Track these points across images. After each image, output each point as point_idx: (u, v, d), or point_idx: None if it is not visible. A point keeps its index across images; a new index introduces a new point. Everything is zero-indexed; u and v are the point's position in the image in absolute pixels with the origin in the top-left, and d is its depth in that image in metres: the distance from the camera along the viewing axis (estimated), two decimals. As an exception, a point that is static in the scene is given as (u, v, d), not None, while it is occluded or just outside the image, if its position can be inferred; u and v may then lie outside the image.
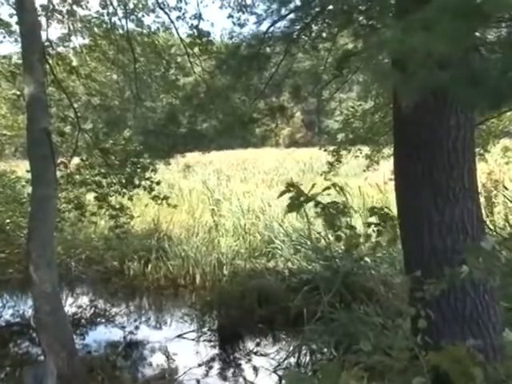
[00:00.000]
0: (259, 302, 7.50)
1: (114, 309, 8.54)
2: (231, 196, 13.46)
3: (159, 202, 8.41)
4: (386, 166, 9.58)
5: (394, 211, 3.91)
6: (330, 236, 8.13)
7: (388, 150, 9.45)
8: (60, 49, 9.28)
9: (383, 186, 12.08)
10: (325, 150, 9.79)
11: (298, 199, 3.09)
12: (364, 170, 11.48)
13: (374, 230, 3.51)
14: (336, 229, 3.34)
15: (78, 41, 17.07)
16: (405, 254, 3.97)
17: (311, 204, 3.40)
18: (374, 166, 10.41)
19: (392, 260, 7.38)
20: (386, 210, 3.74)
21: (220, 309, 7.61)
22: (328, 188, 3.36)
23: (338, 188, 3.39)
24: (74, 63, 9.60)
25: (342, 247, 7.48)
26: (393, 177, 4.12)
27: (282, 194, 3.26)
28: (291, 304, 7.05)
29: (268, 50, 5.88)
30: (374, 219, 3.97)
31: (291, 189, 3.16)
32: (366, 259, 7.43)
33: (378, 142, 9.39)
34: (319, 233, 8.42)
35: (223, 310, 7.52)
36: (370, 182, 12.98)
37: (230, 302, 7.48)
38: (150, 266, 9.60)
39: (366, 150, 10.17)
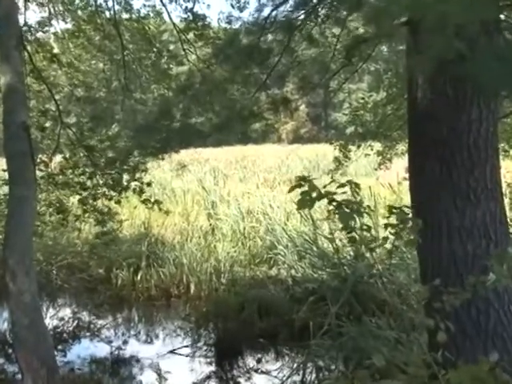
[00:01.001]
0: (260, 314, 7.49)
1: (100, 321, 8.52)
2: (229, 197, 13.44)
3: (150, 206, 8.39)
4: (400, 164, 9.57)
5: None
6: (338, 241, 8.13)
7: (402, 146, 9.43)
8: (39, 34, 9.28)
9: (396, 186, 12.07)
10: (331, 144, 9.78)
11: (310, 195, 3.07)
12: (375, 169, 11.46)
13: (390, 233, 3.49)
14: (349, 230, 3.33)
15: (59, 26, 17.06)
16: (421, 260, 3.95)
17: (317, 206, 3.38)
18: (386, 164, 10.40)
19: (407, 267, 7.36)
20: (405, 209, 3.72)
21: (217, 321, 7.59)
22: (343, 185, 3.35)
23: (353, 186, 3.38)
24: (56, 50, 9.61)
25: (351, 253, 7.47)
26: (407, 176, 4.10)
27: (292, 188, 3.24)
28: (295, 316, 7.04)
29: (270, 37, 5.87)
30: (384, 221, 3.96)
31: (303, 183, 3.14)
32: (378, 266, 7.41)
33: (391, 137, 9.38)
34: (328, 237, 8.40)
35: (220, 323, 7.49)
36: (381, 181, 12.96)
37: (228, 314, 7.46)
38: (139, 274, 9.59)
39: (377, 146, 10.17)
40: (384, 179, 12.89)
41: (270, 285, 8.26)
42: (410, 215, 3.72)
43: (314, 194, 3.08)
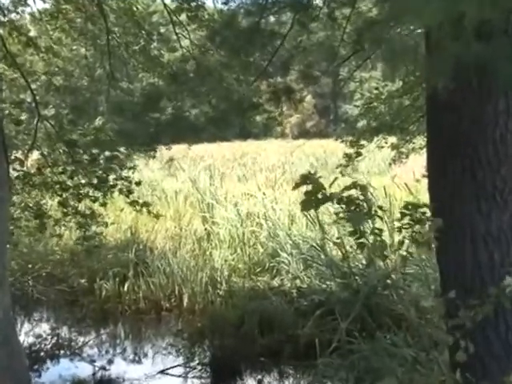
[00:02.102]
0: (261, 330, 7.48)
1: (82, 338, 8.52)
2: (226, 199, 13.43)
3: (138, 208, 8.38)
4: (418, 161, 9.55)
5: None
6: (348, 247, 8.12)
7: (420, 141, 9.43)
8: (13, 16, 9.26)
9: (414, 186, 12.04)
10: (342, 141, 9.77)
11: (315, 195, 3.07)
12: (390, 164, 11.44)
13: (404, 237, 3.49)
14: (359, 235, 3.32)
15: (36, 6, 17.11)
16: (441, 270, 3.94)
17: (324, 208, 3.37)
18: (401, 160, 10.39)
19: (426, 277, 7.35)
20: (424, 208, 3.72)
21: (213, 338, 7.58)
22: (349, 187, 3.34)
23: (359, 187, 3.37)
24: (32, 34, 9.59)
25: (363, 261, 7.47)
26: (426, 173, 4.09)
27: (296, 186, 3.24)
28: (300, 332, 7.03)
29: (272, 18, 5.87)
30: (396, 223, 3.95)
31: (307, 181, 3.14)
32: (393, 276, 7.41)
33: (408, 130, 9.37)
34: (338, 243, 8.39)
35: (217, 340, 7.49)
36: (397, 180, 12.94)
37: (226, 330, 7.46)
38: (126, 285, 9.58)
39: (392, 140, 10.16)
40: (400, 179, 12.88)
41: (273, 297, 8.26)
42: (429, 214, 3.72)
43: (320, 195, 3.09)
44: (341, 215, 3.31)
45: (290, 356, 7.03)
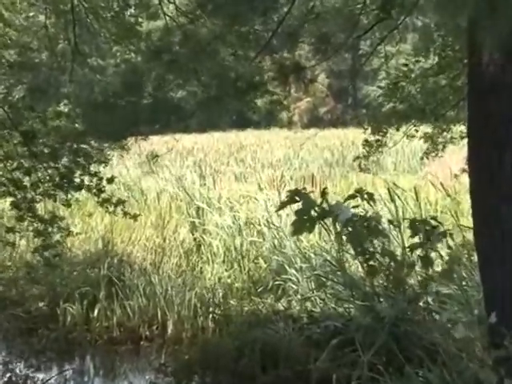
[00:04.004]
0: (264, 363, 7.46)
1: (41, 375, 8.48)
2: (221, 202, 13.44)
3: (111, 208, 8.37)
4: (456, 155, 9.55)
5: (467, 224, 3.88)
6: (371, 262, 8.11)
7: (459, 130, 9.43)
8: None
9: (451, 184, 12.06)
10: (363, 131, 9.76)
11: (307, 213, 3.06)
12: (421, 158, 11.42)
13: (419, 256, 3.48)
14: (367, 256, 3.32)
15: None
16: (485, 290, 3.93)
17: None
18: (436, 153, 10.39)
19: (466, 299, 7.34)
20: (433, 222, 3.70)
21: (204, 374, 7.57)
22: (353, 197, 3.34)
23: (366, 196, 3.36)
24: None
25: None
26: (466, 168, 4.08)
27: (282, 206, 3.25)
28: (313, 366, 7.01)
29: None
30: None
31: (296, 198, 3.14)
32: (427, 298, 7.39)
33: (444, 117, 9.37)
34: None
35: (209, 376, 7.48)
36: (431, 178, 12.94)
37: (220, 364, 7.44)
38: (97, 309, 9.56)
39: (424, 129, 10.16)
40: (434, 177, 12.87)
41: (278, 323, 8.24)
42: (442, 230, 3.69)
43: (314, 212, 3.07)
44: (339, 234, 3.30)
45: (299, 396, 7.02)
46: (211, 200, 13.64)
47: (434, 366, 6.04)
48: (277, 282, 9.74)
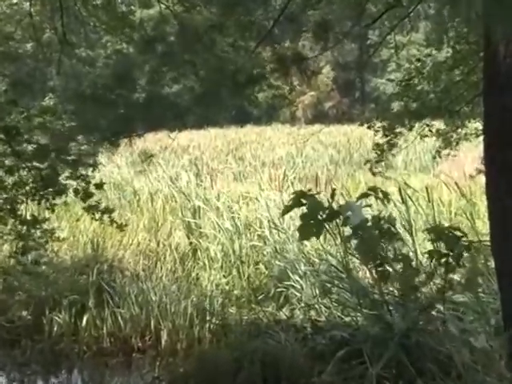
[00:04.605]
0: (264, 377, 7.45)
1: (26, 388, 8.50)
2: (219, 203, 13.42)
3: (97, 216, 8.35)
4: (471, 153, 9.54)
5: (482, 228, 3.88)
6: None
7: (474, 125, 9.42)
8: None
9: (466, 184, 12.05)
10: (371, 128, 9.75)
11: (314, 217, 3.05)
12: (434, 157, 11.42)
13: (440, 263, 3.48)
14: (379, 262, 3.31)
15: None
16: (503, 297, 3.93)
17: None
18: (450, 151, 10.38)
19: (482, 308, 7.34)
20: (457, 231, 3.70)
21: (201, 387, 7.57)
22: (365, 195, 3.33)
23: (380, 194, 3.35)
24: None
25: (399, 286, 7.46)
26: (483, 168, 4.08)
27: (287, 210, 3.24)
28: (317, 379, 7.01)
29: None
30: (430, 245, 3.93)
31: (302, 200, 3.13)
32: (439, 306, 7.40)
33: (458, 113, 9.36)
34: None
35: (206, 390, 7.47)
36: (445, 177, 12.94)
37: (217, 377, 7.43)
38: (85, 318, 9.55)
39: (438, 126, 10.15)
40: (448, 176, 12.87)
41: (280, 333, 8.23)
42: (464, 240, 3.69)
43: (321, 215, 3.06)
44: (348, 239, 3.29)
45: (302, 411, 7.02)
46: (208, 201, 13.63)
47: (447, 379, 6.06)
48: (279, 289, 9.73)
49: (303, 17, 6.73)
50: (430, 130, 9.72)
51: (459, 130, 10.01)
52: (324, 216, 3.05)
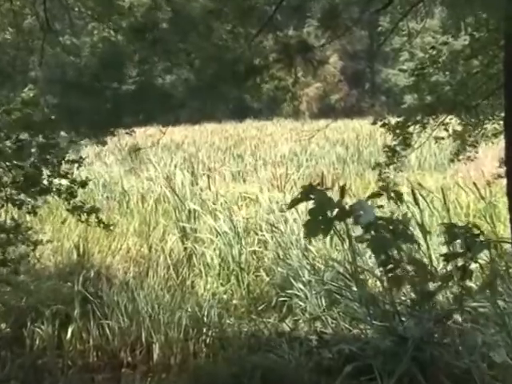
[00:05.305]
0: (266, 394, 7.49)
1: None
2: (216, 205, 13.44)
3: (83, 217, 8.35)
4: (490, 152, 9.53)
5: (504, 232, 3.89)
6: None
7: (495, 125, 9.42)
8: None
9: (486, 185, 12.05)
10: (382, 125, 9.75)
11: (322, 213, 3.05)
12: (451, 160, 11.42)
13: (457, 267, 3.48)
14: (392, 265, 3.31)
15: None
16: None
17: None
18: (468, 153, 10.37)
19: (502, 319, 7.35)
20: (474, 229, 3.69)
21: (196, 406, 7.58)
22: (377, 195, 3.33)
23: (393, 194, 3.36)
24: None
25: (412, 295, 7.46)
26: (503, 170, 4.09)
27: (293, 203, 3.23)
28: (323, 397, 7.04)
29: None
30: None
31: (311, 195, 3.13)
32: (456, 316, 7.41)
33: (478, 108, 9.36)
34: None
35: (202, 409, 7.49)
36: (462, 177, 12.96)
37: (215, 395, 7.46)
38: (70, 331, 9.56)
39: (453, 122, 10.14)
40: (465, 176, 12.89)
41: (282, 346, 8.25)
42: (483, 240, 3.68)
43: (330, 212, 3.06)
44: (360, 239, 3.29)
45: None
46: (204, 202, 13.64)
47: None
48: (281, 299, 9.76)
49: (308, 2, 6.74)
50: (446, 129, 9.68)
51: (477, 129, 9.98)
52: (333, 214, 3.05)
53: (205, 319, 9.37)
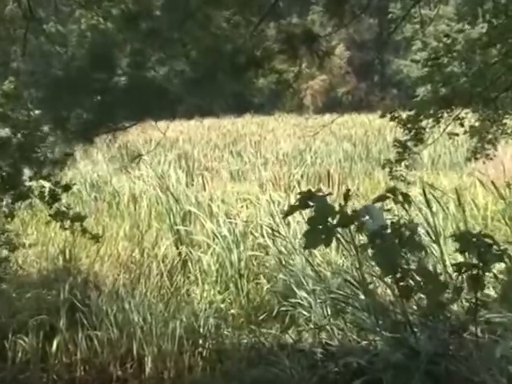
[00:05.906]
0: (267, 412, 7.49)
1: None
2: (213, 206, 13.44)
3: (66, 224, 8.33)
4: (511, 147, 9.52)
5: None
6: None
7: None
8: None
9: (506, 184, 12.05)
10: (393, 119, 9.75)
11: (323, 222, 3.05)
12: (468, 159, 11.43)
13: (470, 276, 3.48)
14: (400, 275, 3.31)
15: None
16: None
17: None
18: (487, 151, 10.37)
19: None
20: (488, 238, 3.68)
21: (191, 424, 7.59)
22: (384, 198, 3.33)
23: (400, 196, 3.36)
24: None
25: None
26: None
27: (290, 211, 3.25)
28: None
29: None
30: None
31: (309, 202, 3.14)
32: (472, 328, 7.40)
33: (496, 102, 9.36)
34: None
35: (197, 427, 7.50)
36: (480, 176, 12.95)
37: (211, 411, 7.47)
38: (55, 343, 9.56)
39: (471, 118, 10.15)
40: (483, 175, 12.88)
41: (285, 359, 8.25)
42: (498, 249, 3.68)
43: (331, 220, 3.06)
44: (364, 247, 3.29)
45: None
46: (201, 204, 13.64)
47: (482, 413, 6.07)
48: (283, 308, 9.76)
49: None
50: (461, 124, 9.67)
51: (495, 125, 9.98)
52: (335, 221, 3.04)
53: (201, 330, 9.37)
